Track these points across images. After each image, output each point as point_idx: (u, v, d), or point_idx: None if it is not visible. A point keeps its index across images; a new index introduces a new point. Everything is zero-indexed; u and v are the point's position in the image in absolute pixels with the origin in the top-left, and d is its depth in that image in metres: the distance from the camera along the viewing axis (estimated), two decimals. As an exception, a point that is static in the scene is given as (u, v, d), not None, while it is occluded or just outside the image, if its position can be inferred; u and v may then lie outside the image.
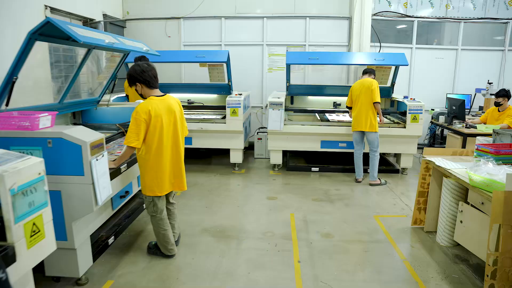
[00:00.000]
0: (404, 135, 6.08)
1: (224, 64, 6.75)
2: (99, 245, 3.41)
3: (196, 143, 6.42)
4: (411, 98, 6.17)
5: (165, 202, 3.46)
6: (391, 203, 5.09)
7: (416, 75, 8.29)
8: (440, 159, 3.80)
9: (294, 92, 7.09)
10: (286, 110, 6.50)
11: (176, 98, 3.33)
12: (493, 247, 2.66)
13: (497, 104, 6.27)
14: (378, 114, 5.58)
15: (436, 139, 7.26)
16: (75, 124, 4.62)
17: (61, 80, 5.50)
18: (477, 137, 3.81)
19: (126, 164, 3.36)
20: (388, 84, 6.85)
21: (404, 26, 8.19)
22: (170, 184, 3.32)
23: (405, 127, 6.03)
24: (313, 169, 6.50)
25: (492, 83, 7.92)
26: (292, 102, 7.34)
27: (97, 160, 2.69)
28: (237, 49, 8.07)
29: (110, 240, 3.60)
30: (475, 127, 6.05)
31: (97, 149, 2.72)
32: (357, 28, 7.63)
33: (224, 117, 6.27)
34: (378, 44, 7.87)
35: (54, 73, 5.45)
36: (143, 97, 3.17)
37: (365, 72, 5.74)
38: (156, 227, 3.41)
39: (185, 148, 3.78)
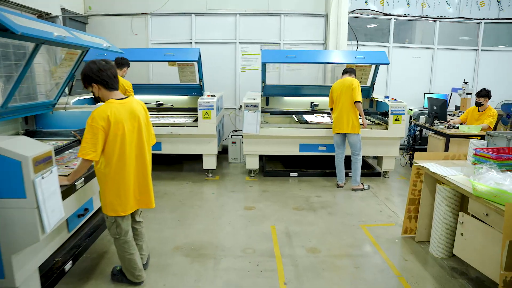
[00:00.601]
0: (386, 137, 5.82)
1: (195, 63, 6.29)
2: (52, 274, 2.90)
3: (166, 149, 5.93)
4: (392, 98, 5.92)
5: (131, 222, 2.97)
6: (377, 209, 4.79)
7: (393, 75, 8.11)
8: (433, 165, 3.51)
9: (269, 92, 6.72)
10: (261, 112, 6.11)
11: (140, 101, 2.87)
12: (505, 266, 2.37)
13: (478, 104, 6.14)
14: (360, 115, 5.28)
15: (415, 140, 7.07)
16: (27, 130, 4.06)
17: (9, 80, 4.87)
18: (470, 140, 3.56)
19: (82, 178, 2.87)
20: (368, 83, 6.59)
21: (380, 24, 7.98)
22: (135, 202, 2.85)
23: (387, 129, 5.77)
24: (291, 174, 6.14)
25: (467, 82, 7.85)
26: (267, 103, 6.96)
27: (43, 178, 2.20)
28: (208, 47, 7.63)
29: (67, 266, 3.09)
30: (457, 128, 5.87)
31: (43, 165, 2.23)
32: (334, 26, 7.35)
33: (195, 120, 5.81)
34: (356, 42, 7.62)
35: (1, 73, 4.82)
36: (100, 100, 2.69)
37: (345, 72, 5.44)
38: (121, 251, 2.93)
39: (154, 154, 3.33)
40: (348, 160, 5.56)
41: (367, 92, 6.60)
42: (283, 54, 5.79)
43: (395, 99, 5.91)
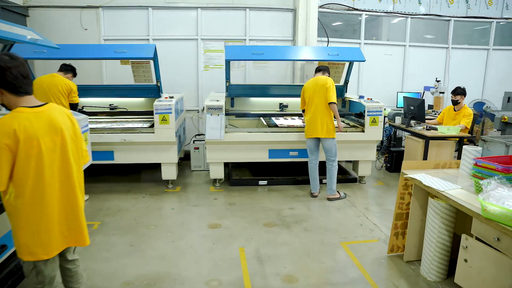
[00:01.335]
0: (363, 140, 5.39)
1: (151, 61, 5.61)
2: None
3: (119, 158, 5.22)
4: (368, 98, 5.49)
5: (58, 264, 2.30)
6: (357, 222, 4.32)
7: (365, 73, 7.74)
8: (425, 176, 3.05)
9: (234, 93, 6.13)
10: (226, 114, 5.53)
11: (65, 110, 2.20)
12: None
13: (454, 103, 5.84)
14: (335, 117, 4.80)
15: (390, 142, 6.71)
16: None
17: None
18: (465, 147, 3.14)
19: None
20: (341, 82, 6.14)
21: (350, 20, 7.58)
22: (62, 239, 2.17)
23: (363, 131, 5.33)
24: (260, 182, 5.59)
25: (440, 81, 7.60)
26: (232, 105, 6.37)
27: None
28: (168, 44, 6.98)
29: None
30: (436, 129, 5.53)
31: None
32: (303, 21, 6.87)
33: (152, 126, 5.14)
34: (326, 39, 7.17)
35: None
36: (7, 108, 2.02)
37: (318, 70, 4.95)
38: (46, 303, 2.25)
39: (107, 165, 2.64)
40: (322, 166, 5.08)
41: (340, 91, 6.15)
42: (249, 51, 5.22)
43: (371, 99, 5.48)
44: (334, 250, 3.64)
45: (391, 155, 6.36)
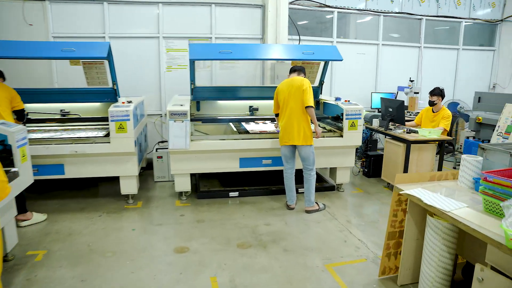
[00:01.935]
0: (341, 146, 5.00)
1: (106, 61, 4.99)
2: None
3: (71, 172, 4.58)
4: (346, 101, 5.11)
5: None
6: (340, 238, 3.90)
7: (337, 73, 7.40)
8: (423, 192, 2.65)
9: (200, 96, 5.58)
10: (192, 120, 4.99)
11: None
12: None
13: (431, 104, 5.59)
14: (312, 122, 4.38)
15: (368, 145, 6.40)
16: None
17: None
18: (463, 156, 2.79)
19: None
20: (316, 83, 5.73)
21: (322, 17, 7.22)
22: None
23: (342, 136, 4.95)
24: (231, 194, 5.09)
25: (414, 80, 7.38)
26: (198, 109, 5.83)
27: None
28: (126, 43, 6.36)
29: None
30: (416, 132, 5.23)
31: None
32: (273, 18, 6.43)
33: (108, 134, 4.52)
34: (297, 37, 6.77)
35: None
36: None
37: (293, 70, 4.51)
38: None
39: (57, 180, 2.08)
40: (298, 175, 4.65)
41: (315, 93, 5.64)
42: (216, 49, 4.69)
43: (349, 101, 5.11)
44: (319, 275, 3.20)
45: (369, 160, 6.03)
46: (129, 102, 4.69)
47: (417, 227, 2.92)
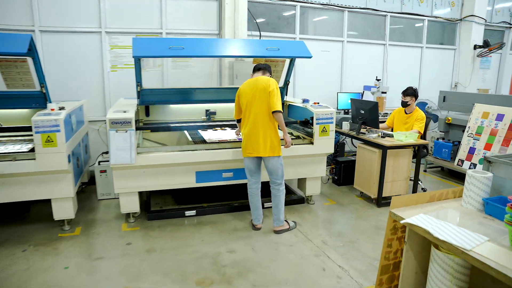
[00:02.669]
0: (311, 154, 4.44)
1: (29, 59, 4.12)
2: None
3: (-13, 197, 3.70)
4: (315, 103, 4.56)
5: None
6: (318, 266, 3.33)
7: (300, 72, 6.86)
8: (429, 221, 2.12)
9: (149, 99, 4.83)
10: (139, 128, 4.25)
11: None
12: None
13: (403, 104, 5.18)
14: (281, 130, 3.78)
15: (336, 150, 5.91)
16: None
17: None
18: (469, 172, 2.29)
19: None
20: (281, 83, 5.14)
21: (284, 11, 6.66)
22: None
23: (312, 143, 4.39)
24: (187, 213, 4.39)
25: (380, 79, 7.00)
26: (147, 114, 5.07)
27: None
28: (62, 38, 5.48)
29: None
30: (391, 135, 4.79)
31: None
32: (230, 12, 5.79)
33: (33, 149, 3.67)
34: (257, 32, 6.16)
35: None
36: None
37: (257, 69, 3.89)
38: None
39: None
40: (264, 187, 4.05)
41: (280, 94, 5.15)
42: (166, 45, 3.96)
43: (319, 103, 4.56)
44: (297, 321, 2.60)
45: (339, 167, 5.54)
46: (61, 108, 3.87)
47: (416, 259, 2.38)
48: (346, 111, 6.95)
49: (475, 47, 8.48)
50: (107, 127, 3.71)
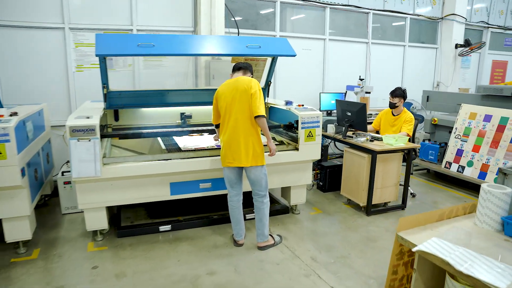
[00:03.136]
0: (297, 161, 4.10)
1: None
2: None
3: None
4: (299, 105, 4.22)
5: None
6: (308, 287, 2.99)
7: (281, 71, 6.52)
8: (442, 246, 1.80)
9: (117, 103, 4.38)
10: (105, 136, 3.80)
11: None
12: None
13: (392, 106, 4.92)
14: (265, 136, 3.42)
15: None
16: None
17: None
18: (484, 186, 2.00)
19: None
20: (262, 84, 4.76)
21: (263, 7, 6.30)
22: None
23: (297, 149, 4.04)
24: (162, 228, 3.97)
25: (363, 79, 6.74)
26: (117, 119, 4.62)
27: None
28: (19, 34, 4.95)
29: None
30: (380, 139, 4.50)
31: None
32: (206, 8, 5.40)
33: (-20, 162, 3.18)
34: (236, 30, 5.79)
35: None
36: None
37: (237, 68, 3.51)
38: None
39: None
40: (246, 197, 3.69)
41: (261, 96, 4.79)
42: (134, 42, 3.52)
43: (303, 105, 4.23)
44: None
45: (324, 172, 5.22)
46: (13, 114, 3.39)
47: (425, 287, 2.07)
48: (329, 112, 6.67)
49: (457, 46, 8.37)
50: (67, 136, 3.26)
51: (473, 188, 5.49)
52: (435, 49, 8.47)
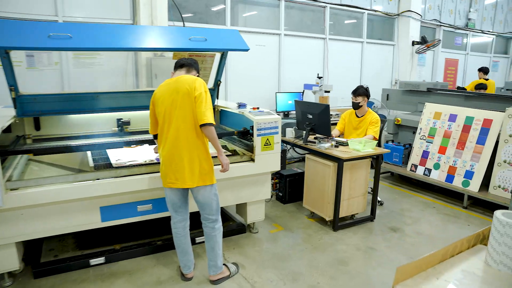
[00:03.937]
0: (253, 174, 3.52)
1: None
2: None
3: None
4: (254, 108, 3.64)
5: None
6: (270, 337, 2.43)
7: (232, 69, 5.93)
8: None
9: (32, 109, 3.53)
10: (9, 153, 3.02)
11: None
12: None
13: (355, 106, 4.49)
14: (215, 148, 2.81)
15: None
16: None
17: None
18: (497, 214, 1.53)
19: None
20: (210, 84, 4.12)
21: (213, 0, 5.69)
22: None
23: (253, 160, 3.46)
24: (93, 261, 3.25)
25: (322, 77, 6.31)
26: (38, 128, 3.81)
27: None
28: None
29: None
30: (345, 144, 4.04)
31: None
32: (145, -4, 4.69)
33: None
34: (181, 23, 5.12)
35: None
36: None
37: (179, 66, 2.86)
38: None
39: None
40: (194, 217, 3.06)
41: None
42: (44, 31, 2.74)
43: (258, 108, 3.66)
44: None
45: (284, 181, 4.70)
46: None
47: None
48: (286, 113, 6.17)
49: (413, 43, 8.20)
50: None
51: (439, 191, 5.23)
52: (393, 46, 8.25)
